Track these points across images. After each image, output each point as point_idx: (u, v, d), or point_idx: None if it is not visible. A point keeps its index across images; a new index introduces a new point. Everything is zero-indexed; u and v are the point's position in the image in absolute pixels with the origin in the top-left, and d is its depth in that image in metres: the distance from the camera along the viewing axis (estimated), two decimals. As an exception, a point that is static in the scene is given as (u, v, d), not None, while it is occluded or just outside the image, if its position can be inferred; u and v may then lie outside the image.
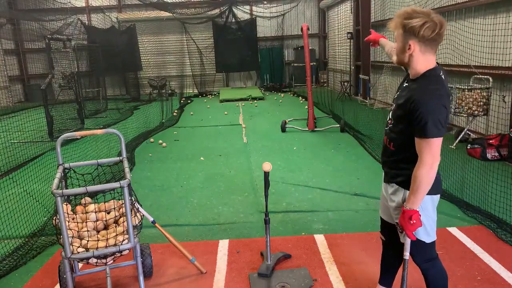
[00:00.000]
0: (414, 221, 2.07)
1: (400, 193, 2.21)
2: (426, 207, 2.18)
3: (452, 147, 6.57)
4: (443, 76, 2.09)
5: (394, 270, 2.62)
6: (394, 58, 2.21)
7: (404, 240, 2.24)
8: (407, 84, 2.19)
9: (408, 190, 2.12)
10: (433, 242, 2.27)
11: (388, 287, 2.69)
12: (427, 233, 2.22)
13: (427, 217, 2.19)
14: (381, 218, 2.54)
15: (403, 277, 2.29)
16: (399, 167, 2.21)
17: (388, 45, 2.68)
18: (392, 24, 2.10)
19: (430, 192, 2.12)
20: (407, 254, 2.25)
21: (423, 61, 2.06)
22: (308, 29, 8.59)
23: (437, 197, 2.22)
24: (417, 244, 2.22)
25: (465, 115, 6.67)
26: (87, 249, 2.66)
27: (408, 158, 2.13)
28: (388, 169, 2.32)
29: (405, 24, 2.01)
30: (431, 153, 2.00)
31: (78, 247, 2.67)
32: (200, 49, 17.21)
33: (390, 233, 2.45)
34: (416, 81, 2.09)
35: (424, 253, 2.29)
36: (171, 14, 15.91)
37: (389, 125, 2.26)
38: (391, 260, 2.59)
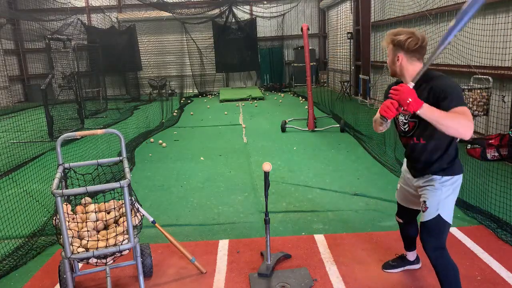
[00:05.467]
0: (410, 101, 2.11)
1: (436, 181, 2.48)
2: (457, 186, 2.49)
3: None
4: None
5: (414, 239, 3.06)
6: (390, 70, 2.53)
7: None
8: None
9: (443, 176, 2.44)
10: (448, 229, 2.53)
11: (413, 250, 3.14)
12: (450, 214, 2.48)
13: (453, 200, 2.48)
14: (399, 205, 2.94)
15: None
16: (432, 157, 2.46)
17: None
18: (384, 42, 2.47)
19: (460, 172, 2.48)
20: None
21: (412, 70, 2.36)
22: (308, 29, 8.58)
23: None
24: (439, 225, 2.46)
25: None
26: (87, 249, 2.66)
27: (437, 145, 2.42)
28: (419, 164, 2.54)
29: (393, 40, 2.38)
30: (468, 117, 2.15)
31: (78, 247, 2.67)
32: (200, 49, 17.20)
33: (408, 216, 2.95)
34: (423, 82, 2.31)
35: (439, 237, 2.49)
36: (171, 14, 15.90)
37: (411, 127, 2.49)
38: (410, 233, 3.03)
